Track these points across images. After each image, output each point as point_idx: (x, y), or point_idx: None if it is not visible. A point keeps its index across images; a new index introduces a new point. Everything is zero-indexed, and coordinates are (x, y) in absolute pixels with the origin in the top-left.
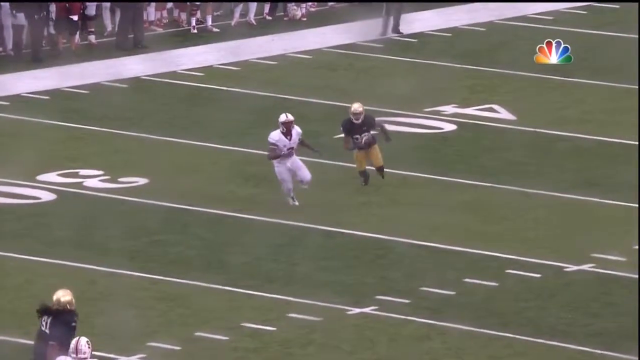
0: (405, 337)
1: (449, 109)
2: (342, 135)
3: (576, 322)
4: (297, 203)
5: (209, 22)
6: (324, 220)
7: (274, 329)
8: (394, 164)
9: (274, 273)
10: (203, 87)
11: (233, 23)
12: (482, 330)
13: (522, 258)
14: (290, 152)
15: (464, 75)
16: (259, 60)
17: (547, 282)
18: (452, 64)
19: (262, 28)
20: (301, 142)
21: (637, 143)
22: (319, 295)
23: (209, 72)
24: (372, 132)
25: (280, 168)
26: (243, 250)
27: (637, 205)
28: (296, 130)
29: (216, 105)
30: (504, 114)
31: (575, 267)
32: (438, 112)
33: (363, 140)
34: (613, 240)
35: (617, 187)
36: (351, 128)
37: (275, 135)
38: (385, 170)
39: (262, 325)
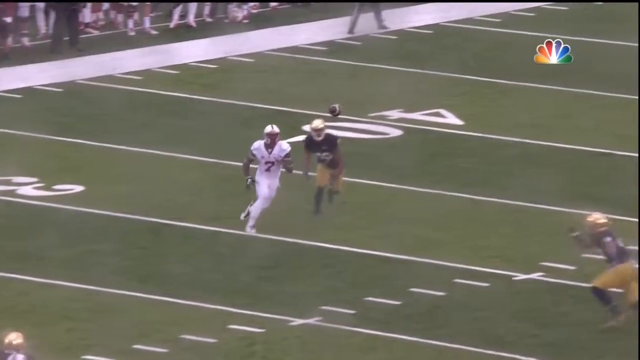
0: (350, 349)
1: (395, 113)
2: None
3: (526, 332)
4: (243, 216)
5: (147, 24)
6: (267, 228)
7: (215, 341)
8: None
9: (215, 283)
10: (141, 91)
11: (172, 25)
12: (429, 341)
13: (470, 267)
14: (269, 168)
15: (410, 79)
16: (199, 64)
17: (496, 292)
18: (398, 67)
19: (202, 30)
20: (284, 161)
21: (584, 148)
22: (262, 306)
23: (148, 75)
24: (331, 152)
25: (260, 179)
26: (183, 260)
27: (588, 213)
28: (280, 146)
29: (155, 110)
30: (451, 119)
31: (524, 276)
32: (384, 117)
33: (320, 159)
34: (563, 249)
35: (568, 194)
36: (311, 145)
37: (256, 144)
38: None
39: (202, 337)
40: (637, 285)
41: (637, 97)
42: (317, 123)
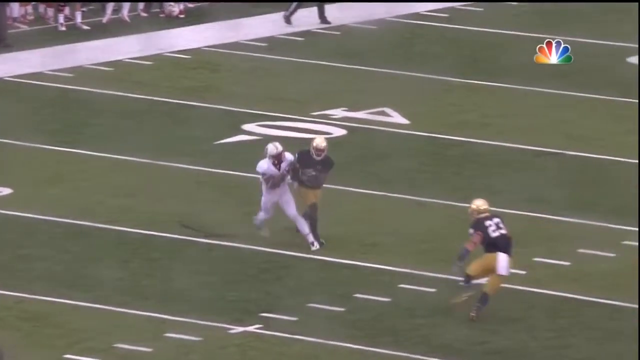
0: (291, 357)
1: (339, 112)
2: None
3: (474, 339)
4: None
5: (79, 19)
6: (203, 231)
7: (150, 350)
8: None
9: (150, 289)
10: (72, 89)
11: (105, 20)
12: (374, 349)
13: (415, 272)
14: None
15: (354, 77)
16: (132, 60)
17: (443, 297)
18: (341, 65)
19: (136, 25)
20: (290, 170)
21: (533, 148)
22: (199, 313)
23: (79, 72)
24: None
25: (266, 198)
26: (116, 265)
27: (537, 215)
28: (287, 159)
29: (87, 108)
30: (397, 118)
31: (472, 281)
32: (327, 116)
33: (307, 177)
34: (513, 253)
35: (517, 195)
36: (307, 162)
37: (264, 165)
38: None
39: (136, 346)
40: (495, 279)
41: (611, 98)
42: (319, 142)
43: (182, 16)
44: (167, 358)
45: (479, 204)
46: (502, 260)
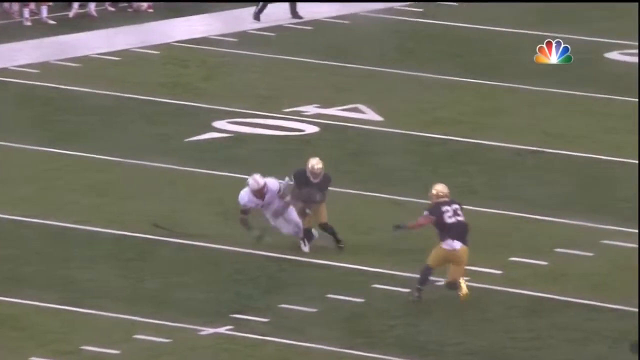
0: (263, 359)
1: (311, 109)
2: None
3: (448, 340)
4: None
5: (44, 14)
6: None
7: (118, 352)
8: (248, 169)
9: (119, 290)
10: (39, 85)
11: (71, 14)
12: (347, 350)
13: (390, 272)
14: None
15: (326, 72)
16: (100, 56)
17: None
18: (313, 60)
19: (103, 20)
20: (279, 196)
21: (511, 146)
22: (169, 314)
23: (45, 68)
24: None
25: (265, 218)
26: (85, 265)
27: (515, 214)
28: (270, 188)
29: (54, 105)
30: (370, 114)
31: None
32: (299, 113)
33: (308, 198)
34: (488, 253)
35: (495, 194)
36: (304, 183)
37: (244, 196)
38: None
39: (104, 348)
40: (457, 268)
41: (604, 96)
42: (314, 163)
43: (150, 11)
44: None
45: (439, 188)
46: (453, 242)
